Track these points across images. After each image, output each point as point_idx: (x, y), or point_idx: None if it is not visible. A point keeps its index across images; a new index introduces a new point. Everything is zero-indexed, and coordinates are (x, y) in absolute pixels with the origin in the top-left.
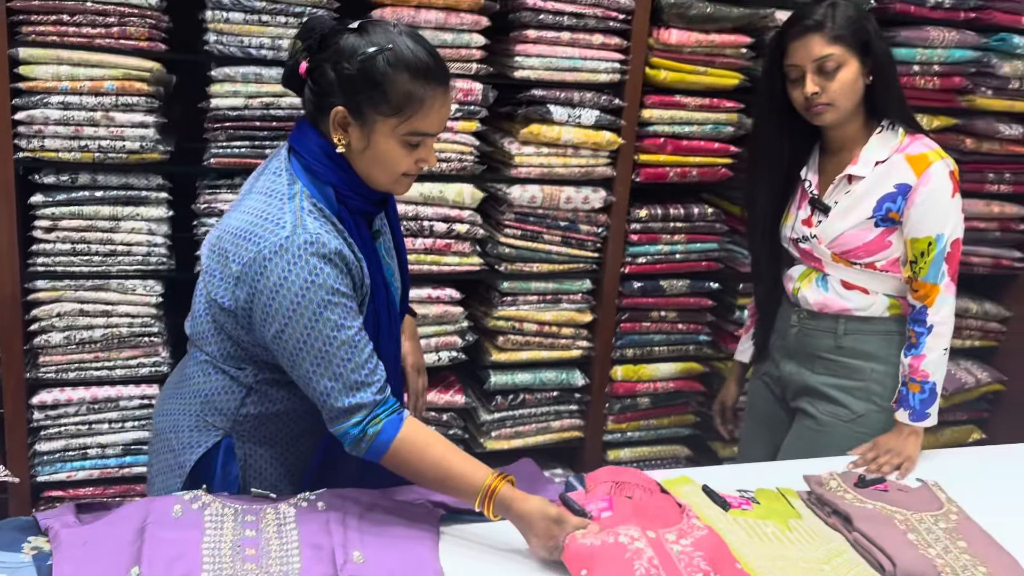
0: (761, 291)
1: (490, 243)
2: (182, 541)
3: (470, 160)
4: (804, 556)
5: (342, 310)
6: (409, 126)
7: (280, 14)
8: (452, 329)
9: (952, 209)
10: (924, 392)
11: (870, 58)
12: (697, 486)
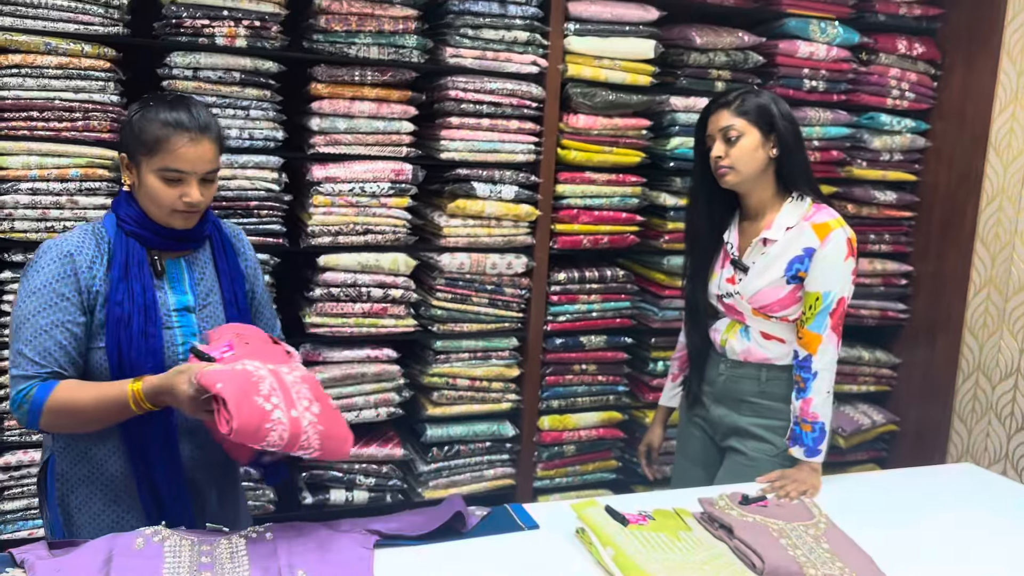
0: (694, 342)
1: (423, 306)
2: (145, 568)
3: (403, 232)
4: (688, 559)
5: (43, 300)
6: (162, 162)
7: (229, 107)
8: (390, 386)
9: (843, 270)
10: (815, 431)
11: (774, 135)
12: (600, 506)
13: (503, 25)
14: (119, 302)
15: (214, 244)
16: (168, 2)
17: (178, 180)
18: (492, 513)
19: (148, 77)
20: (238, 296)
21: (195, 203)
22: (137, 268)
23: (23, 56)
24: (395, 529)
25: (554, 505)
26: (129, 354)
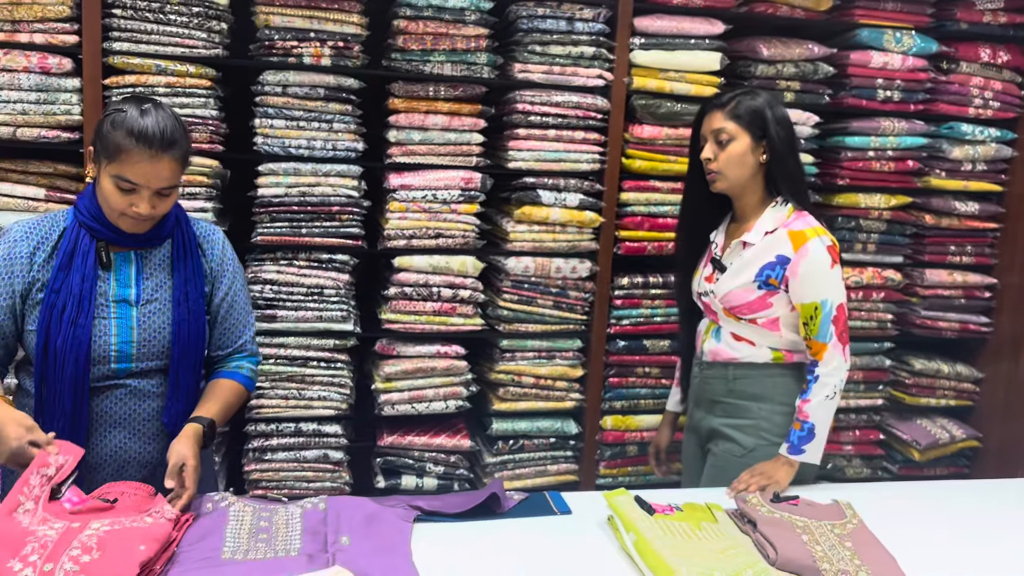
0: (683, 341)
1: (490, 306)
2: (212, 527)
3: (472, 236)
4: (705, 547)
5: None
6: (118, 170)
7: (315, 120)
8: (458, 381)
9: (832, 278)
10: (803, 431)
11: (766, 140)
12: (631, 495)
13: (570, 41)
14: (56, 290)
15: (175, 243)
16: (262, 25)
17: (131, 190)
18: (529, 498)
19: (244, 94)
20: (190, 296)
21: (143, 215)
22: (81, 259)
23: (137, 77)
24: (435, 506)
25: (591, 495)
26: (56, 340)
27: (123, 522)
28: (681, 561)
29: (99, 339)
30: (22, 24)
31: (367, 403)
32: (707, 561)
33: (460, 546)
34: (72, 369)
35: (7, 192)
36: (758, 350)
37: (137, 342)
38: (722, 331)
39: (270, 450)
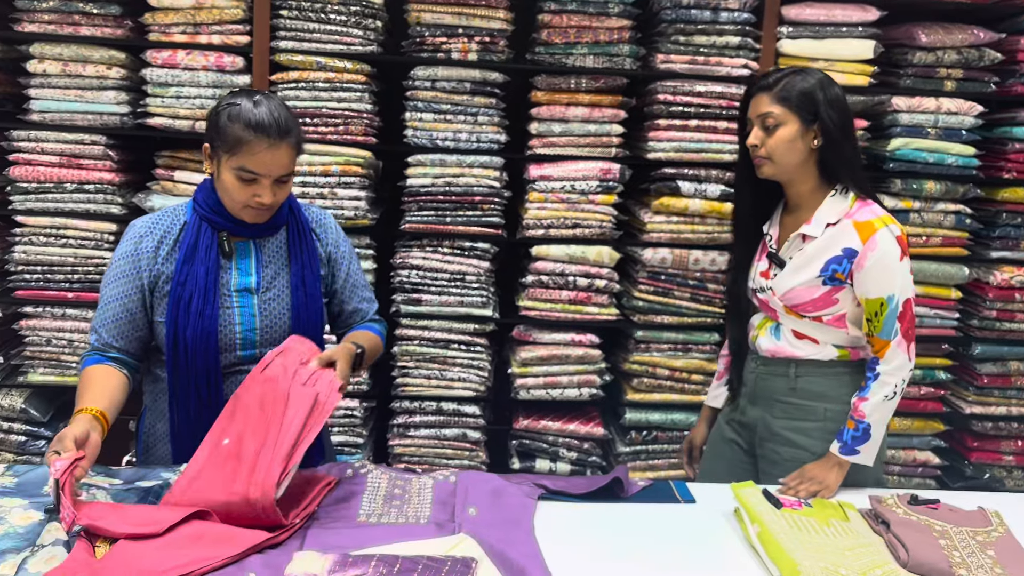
0: (734, 337)
1: (626, 297)
2: (350, 492)
3: (609, 227)
4: (832, 543)
5: (113, 273)
6: (239, 162)
7: (461, 113)
8: (592, 369)
9: (900, 272)
10: (858, 431)
11: (817, 124)
12: (758, 488)
13: (715, 31)
14: (181, 282)
15: (290, 230)
16: (414, 23)
17: (253, 180)
18: (653, 484)
19: (396, 88)
20: (307, 281)
21: (266, 204)
22: (204, 251)
23: (299, 73)
24: (560, 486)
25: (717, 486)
26: (185, 332)
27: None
28: (806, 555)
29: (225, 328)
30: (202, 27)
31: (504, 387)
32: (833, 558)
33: (582, 525)
34: (203, 358)
35: (185, 180)
36: (822, 348)
37: (260, 329)
38: (782, 329)
39: (413, 427)
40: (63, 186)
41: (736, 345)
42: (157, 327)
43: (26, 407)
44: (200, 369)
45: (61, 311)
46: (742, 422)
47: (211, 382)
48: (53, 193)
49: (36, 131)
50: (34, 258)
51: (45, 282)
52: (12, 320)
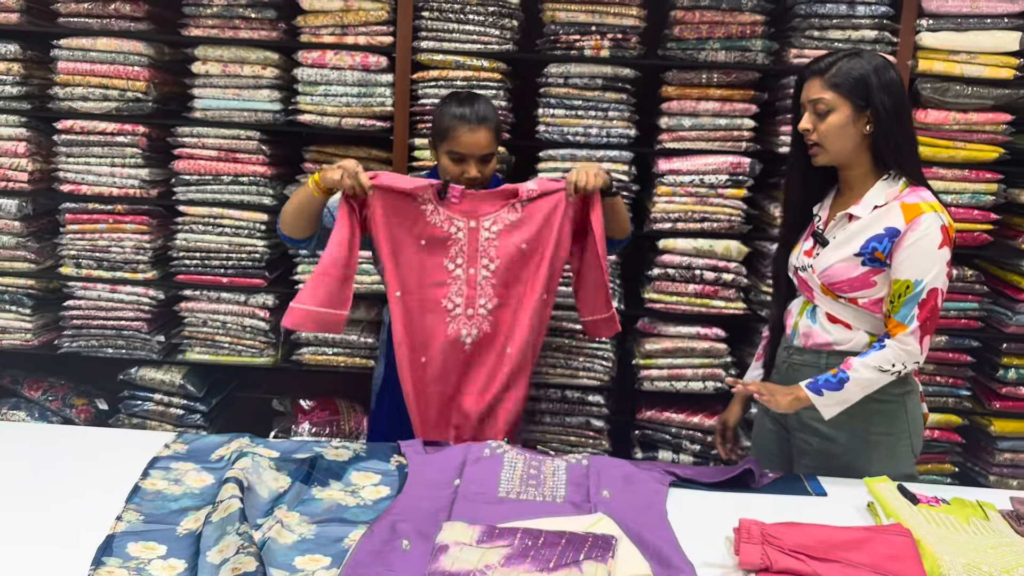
0: (773, 318)
1: (753, 291)
2: (488, 471)
3: (738, 220)
4: (973, 541)
5: None
6: (449, 146)
7: (592, 108)
8: (717, 363)
9: (937, 259)
10: (835, 378)
11: (870, 110)
12: (893, 484)
13: (850, 25)
14: None
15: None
16: (548, 21)
17: (461, 160)
18: (784, 476)
19: (530, 84)
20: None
21: (473, 179)
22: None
23: (439, 72)
24: (690, 475)
25: (849, 481)
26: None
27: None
28: (946, 551)
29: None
30: (349, 28)
31: (628, 377)
32: (974, 555)
33: (713, 513)
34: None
35: None
36: (854, 334)
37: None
38: (817, 311)
39: (539, 412)
40: (220, 178)
41: (774, 328)
42: None
43: (184, 383)
44: None
45: (216, 295)
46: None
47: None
48: (212, 185)
49: (198, 127)
50: (193, 245)
51: (203, 267)
52: (173, 302)
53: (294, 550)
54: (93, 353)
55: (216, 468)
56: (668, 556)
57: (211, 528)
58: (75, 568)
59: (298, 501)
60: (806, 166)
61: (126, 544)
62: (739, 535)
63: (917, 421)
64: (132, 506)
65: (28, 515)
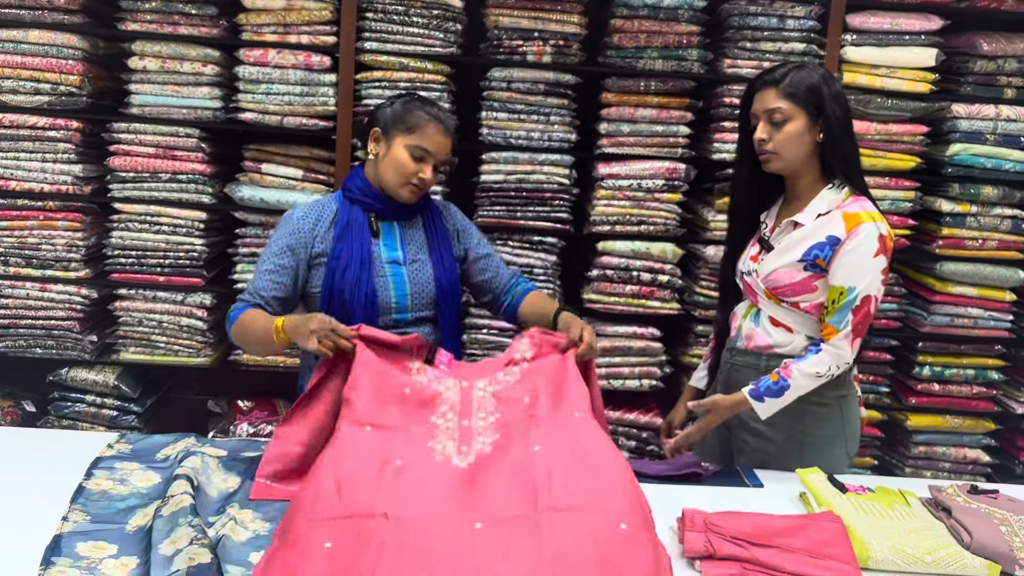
0: (718, 322)
1: (688, 292)
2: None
3: (673, 224)
4: (896, 526)
5: (272, 250)
6: (416, 141)
7: (534, 113)
8: (652, 361)
9: (872, 267)
10: (776, 386)
11: (822, 119)
12: (823, 475)
13: (780, 37)
14: (337, 256)
15: (424, 214)
16: (492, 26)
17: (421, 159)
18: (724, 470)
19: (473, 88)
20: (444, 256)
21: (426, 181)
22: (357, 228)
23: (383, 72)
24: (636, 467)
25: (783, 474)
26: (343, 295)
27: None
28: (873, 535)
29: (382, 293)
30: (292, 27)
31: None
32: (898, 538)
33: (657, 504)
34: (361, 317)
35: (271, 172)
36: (794, 337)
37: (411, 295)
38: (761, 314)
39: None
40: (158, 175)
41: (719, 332)
42: (311, 298)
43: (118, 383)
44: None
45: (152, 294)
46: None
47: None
48: (149, 182)
49: (135, 123)
50: (129, 243)
51: (139, 266)
52: (107, 301)
53: (248, 546)
54: (21, 353)
55: (162, 467)
56: None
57: (162, 522)
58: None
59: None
60: (751, 176)
61: (74, 544)
62: (683, 524)
63: (853, 424)
64: (77, 506)
65: None
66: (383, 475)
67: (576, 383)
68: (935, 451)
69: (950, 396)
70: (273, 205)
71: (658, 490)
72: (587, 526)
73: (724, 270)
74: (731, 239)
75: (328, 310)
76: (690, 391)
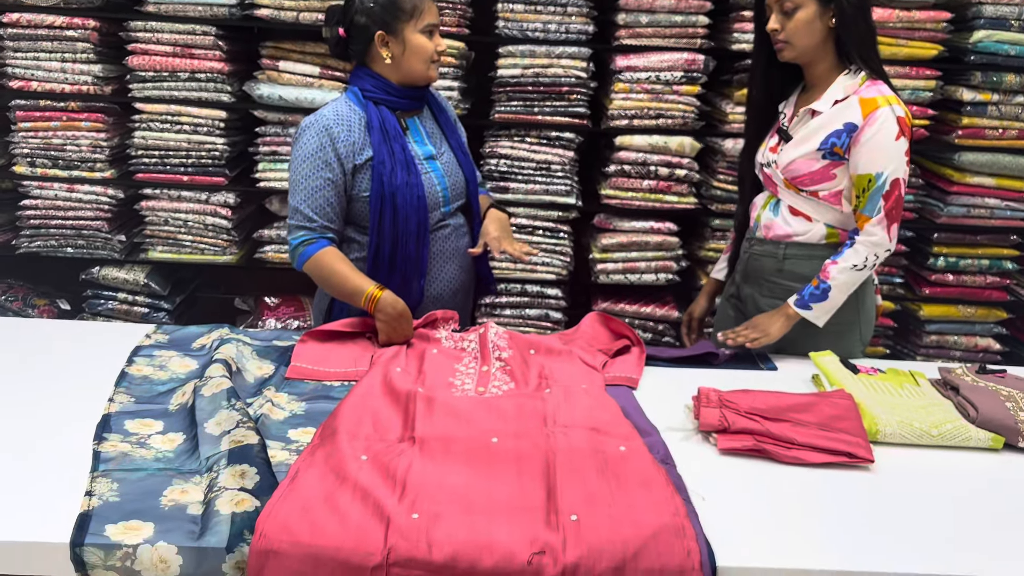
0: (738, 214)
1: (705, 186)
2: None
3: (691, 117)
4: (905, 403)
5: (311, 165)
6: (424, 20)
7: (551, 4)
8: (669, 255)
9: (895, 151)
10: (818, 289)
11: (834, 4)
12: (836, 357)
13: None
14: (382, 161)
15: (430, 104)
16: None
17: (432, 32)
18: (738, 354)
19: None
20: (460, 143)
21: (444, 50)
22: (393, 130)
23: None
24: (652, 352)
25: (797, 359)
26: (395, 199)
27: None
28: (882, 411)
29: (429, 190)
30: None
31: (584, 271)
32: (907, 414)
33: (674, 386)
34: (415, 218)
35: (289, 69)
36: (814, 226)
37: (450, 187)
38: (780, 204)
39: (499, 306)
40: (177, 75)
41: (739, 223)
42: (357, 203)
43: (148, 281)
44: (413, 229)
45: (177, 193)
46: (739, 296)
47: (422, 239)
48: (168, 81)
49: (151, 22)
50: (152, 143)
51: (162, 166)
52: (133, 201)
53: (286, 424)
54: (53, 253)
55: (199, 355)
56: (635, 420)
57: (204, 401)
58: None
59: (284, 384)
60: (768, 66)
61: (123, 422)
62: (698, 401)
63: (869, 311)
64: (121, 390)
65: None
66: (409, 407)
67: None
68: (947, 340)
69: (963, 286)
70: (292, 103)
71: (674, 372)
72: (591, 442)
73: (743, 162)
74: (749, 131)
75: (379, 215)
76: (710, 283)
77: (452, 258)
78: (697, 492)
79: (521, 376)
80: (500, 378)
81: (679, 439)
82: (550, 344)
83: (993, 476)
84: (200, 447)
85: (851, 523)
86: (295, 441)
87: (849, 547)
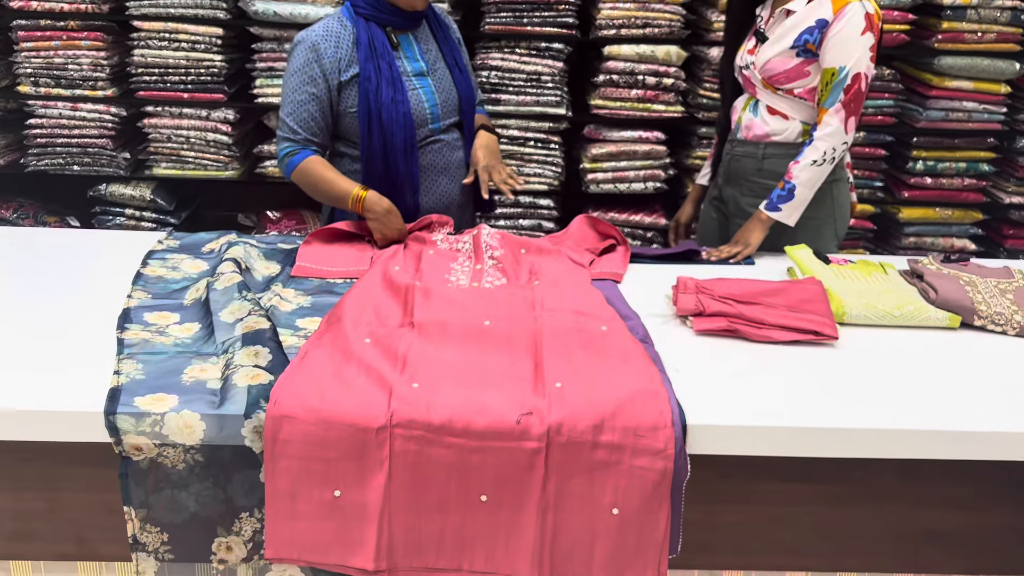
0: (720, 119)
1: (691, 95)
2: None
3: (677, 26)
4: (871, 288)
5: (299, 79)
6: None
7: None
8: (657, 164)
9: (859, 45)
10: (784, 190)
11: None
12: (810, 250)
13: None
14: (368, 77)
15: (430, 21)
16: None
17: None
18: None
19: None
20: (458, 61)
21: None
22: (381, 47)
23: None
24: (637, 251)
25: (773, 254)
26: (381, 115)
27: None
28: (849, 295)
29: (416, 107)
30: None
31: (576, 182)
32: (871, 298)
33: (655, 279)
34: (402, 135)
35: None
36: (791, 123)
37: (440, 104)
38: (759, 105)
39: (492, 217)
40: None
41: (720, 127)
42: (345, 119)
43: (154, 197)
44: (400, 144)
45: (178, 110)
46: (721, 198)
47: (409, 154)
48: None
49: None
50: (151, 61)
51: (163, 83)
52: (136, 119)
53: (294, 315)
54: (60, 171)
55: (209, 257)
56: (617, 307)
57: (217, 294)
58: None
59: (291, 281)
60: None
61: (142, 314)
62: (677, 289)
63: (843, 207)
64: (138, 287)
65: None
66: (408, 298)
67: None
68: (924, 241)
69: (941, 189)
70: (287, 19)
71: (657, 268)
72: (575, 323)
73: (723, 67)
74: (729, 35)
75: (368, 131)
76: (696, 190)
77: (443, 172)
78: (673, 365)
79: (512, 272)
80: (493, 274)
81: (658, 323)
82: (540, 244)
83: (948, 350)
84: (215, 333)
85: (813, 389)
86: (303, 328)
87: (810, 408)
